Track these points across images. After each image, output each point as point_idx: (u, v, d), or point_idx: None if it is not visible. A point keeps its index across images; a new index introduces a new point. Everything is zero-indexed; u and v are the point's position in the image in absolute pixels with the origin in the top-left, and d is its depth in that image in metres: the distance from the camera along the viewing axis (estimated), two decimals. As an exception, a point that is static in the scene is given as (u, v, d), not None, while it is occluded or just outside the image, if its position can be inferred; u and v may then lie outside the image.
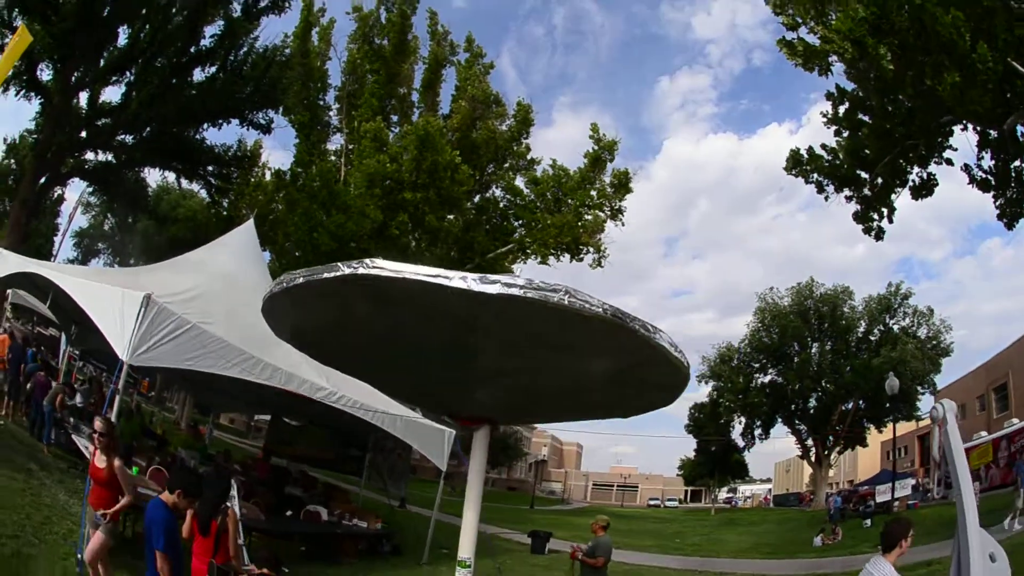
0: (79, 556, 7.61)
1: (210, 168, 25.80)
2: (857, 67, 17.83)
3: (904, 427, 57.69)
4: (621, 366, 3.53)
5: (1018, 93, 17.06)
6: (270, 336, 9.14)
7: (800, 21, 18.29)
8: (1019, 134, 19.16)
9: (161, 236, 34.29)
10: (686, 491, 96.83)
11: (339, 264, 2.93)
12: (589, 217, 26.18)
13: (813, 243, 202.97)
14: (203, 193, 30.29)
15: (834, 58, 18.43)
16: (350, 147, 24.48)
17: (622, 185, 26.12)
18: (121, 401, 8.98)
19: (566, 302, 2.65)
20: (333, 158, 24.34)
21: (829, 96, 21.48)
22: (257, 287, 13.48)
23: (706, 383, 58.62)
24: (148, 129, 22.48)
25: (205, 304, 10.15)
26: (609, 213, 26.25)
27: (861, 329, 54.29)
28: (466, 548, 4.75)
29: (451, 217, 25.03)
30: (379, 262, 2.95)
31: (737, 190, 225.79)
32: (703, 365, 57.60)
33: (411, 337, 3.72)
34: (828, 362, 53.86)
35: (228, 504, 6.10)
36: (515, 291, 2.60)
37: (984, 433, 35.99)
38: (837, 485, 68.26)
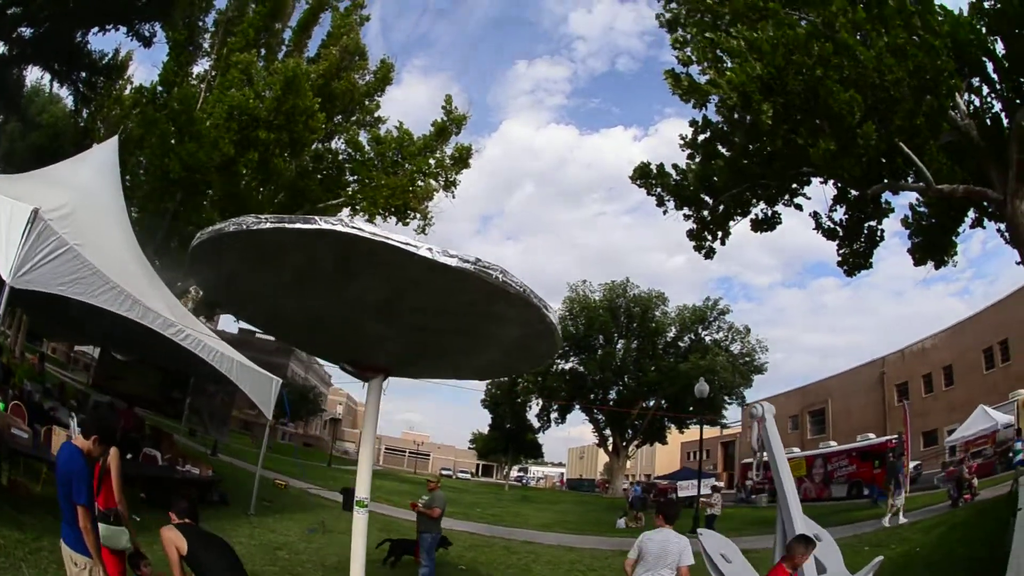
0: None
1: (83, 74, 24.12)
2: (738, 111, 18.35)
3: (708, 432, 62.52)
4: (523, 334, 4.40)
5: (895, 169, 18.59)
6: (125, 263, 8.98)
7: (694, 60, 18.60)
8: (882, 201, 20.93)
9: (24, 142, 31.71)
10: (478, 464, 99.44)
11: (316, 218, 3.21)
12: (422, 184, 26.47)
13: (633, 246, 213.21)
14: (69, 101, 28.64)
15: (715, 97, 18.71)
16: (213, 74, 23.24)
17: (462, 159, 26.69)
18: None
19: (500, 280, 3.47)
20: (194, 82, 23.02)
21: (693, 123, 22.29)
22: (116, 210, 12.73)
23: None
24: (47, 24, 21.28)
25: (76, 223, 9.43)
26: (443, 184, 26.68)
27: (671, 334, 57.08)
28: (362, 489, 5.28)
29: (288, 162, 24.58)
30: (357, 222, 3.26)
31: (566, 182, 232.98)
32: None
33: (353, 289, 4.04)
34: (633, 359, 56.14)
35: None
36: (467, 266, 3.37)
37: (796, 449, 40.77)
38: (634, 476, 72.55)
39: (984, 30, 17.35)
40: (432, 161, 26.46)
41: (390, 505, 22.83)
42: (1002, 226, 19.89)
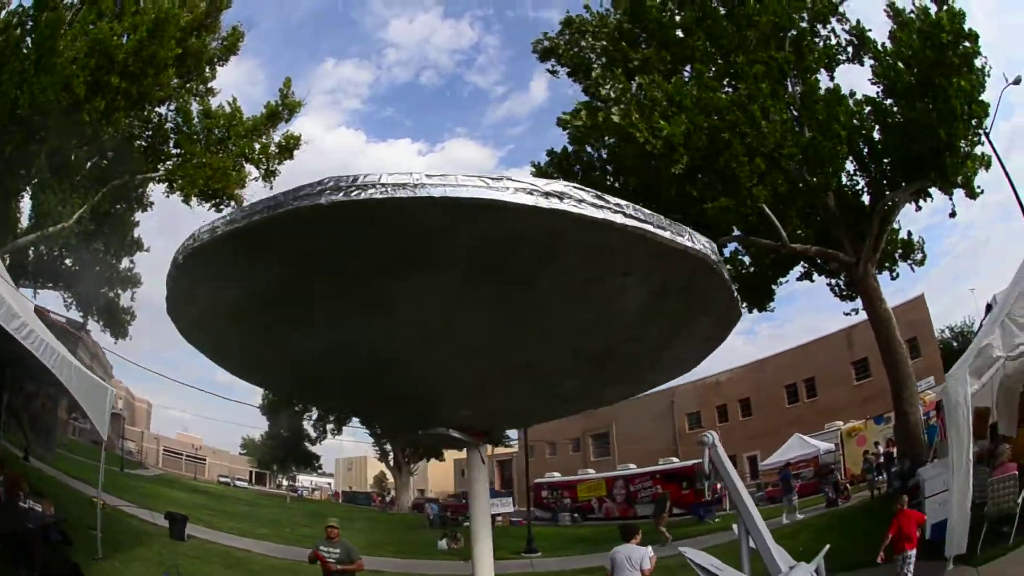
0: None
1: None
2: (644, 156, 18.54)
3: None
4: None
5: (749, 225, 19.98)
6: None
7: (613, 99, 18.79)
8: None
9: None
10: (251, 472, 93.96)
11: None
12: (238, 170, 23.97)
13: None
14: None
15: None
16: (79, 6, 19.52)
17: (287, 149, 24.49)
18: None
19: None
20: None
21: (550, 153, 22.88)
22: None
23: (291, 366, 56.49)
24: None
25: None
26: (263, 172, 24.26)
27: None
28: None
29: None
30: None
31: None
32: None
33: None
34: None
35: None
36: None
37: (592, 471, 43.15)
38: (416, 492, 71.42)
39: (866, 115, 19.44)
40: (257, 146, 23.94)
41: (210, 528, 20.36)
42: (833, 281, 22.68)
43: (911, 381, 19.60)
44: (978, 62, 17.68)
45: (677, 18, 20.57)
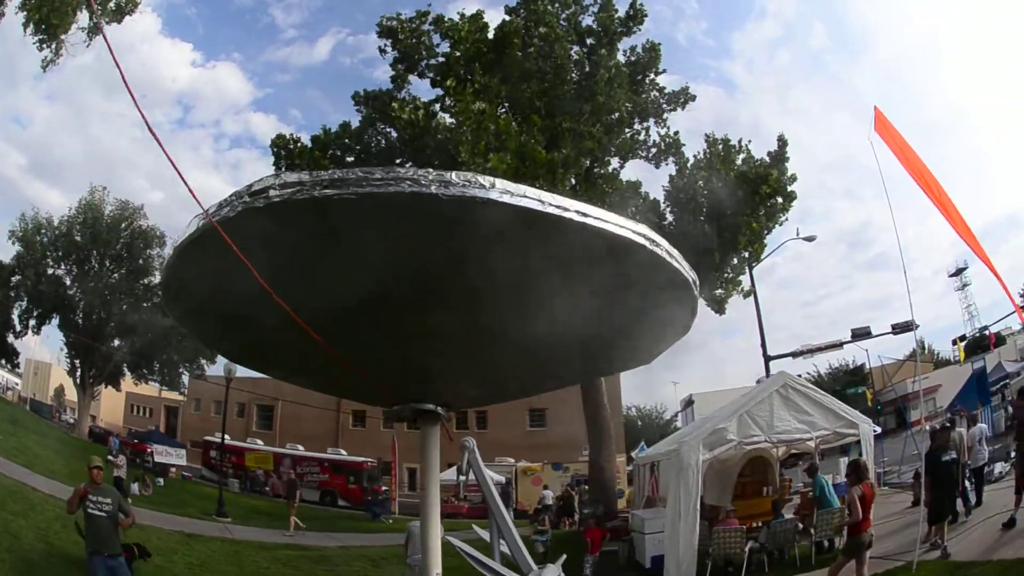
0: None
1: None
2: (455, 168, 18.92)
3: (150, 390, 60.10)
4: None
5: None
6: None
7: (454, 112, 19.46)
8: None
9: None
10: (-48, 351, 79.55)
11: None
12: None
13: (136, 164, 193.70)
14: None
15: None
16: None
17: (121, 12, 21.72)
18: None
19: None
20: None
21: (343, 125, 21.99)
22: None
23: (15, 243, 47.28)
24: None
25: None
26: (91, 25, 21.20)
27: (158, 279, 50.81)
28: (434, 559, 4.57)
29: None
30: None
31: (126, 71, 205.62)
32: (18, 223, 47.10)
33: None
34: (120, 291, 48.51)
35: None
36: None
37: (260, 442, 42.85)
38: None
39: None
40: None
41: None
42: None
43: (610, 441, 22.21)
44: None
45: (519, 55, 20.76)
